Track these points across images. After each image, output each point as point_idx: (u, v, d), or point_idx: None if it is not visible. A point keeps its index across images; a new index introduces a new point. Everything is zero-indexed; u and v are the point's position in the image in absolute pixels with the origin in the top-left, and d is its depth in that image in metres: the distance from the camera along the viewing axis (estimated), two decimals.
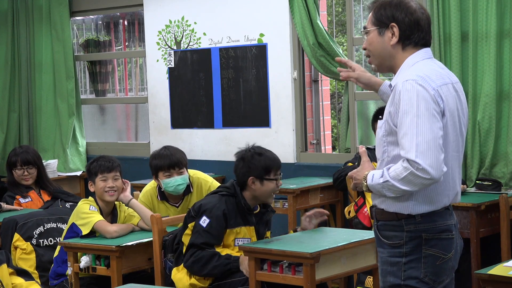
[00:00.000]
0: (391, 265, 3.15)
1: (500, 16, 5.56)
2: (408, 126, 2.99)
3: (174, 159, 5.09)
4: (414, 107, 2.99)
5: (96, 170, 4.85)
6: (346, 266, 4.29)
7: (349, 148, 6.45)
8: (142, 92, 8.47)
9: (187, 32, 7.10)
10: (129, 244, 4.63)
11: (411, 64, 3.14)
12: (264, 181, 4.40)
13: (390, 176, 3.02)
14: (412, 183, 2.99)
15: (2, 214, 5.62)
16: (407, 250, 3.12)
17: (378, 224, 3.21)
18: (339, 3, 9.35)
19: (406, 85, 3.03)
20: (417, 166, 2.95)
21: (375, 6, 3.21)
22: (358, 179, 3.15)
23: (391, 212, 3.14)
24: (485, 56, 5.61)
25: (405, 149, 2.98)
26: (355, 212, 5.60)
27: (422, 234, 3.11)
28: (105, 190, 4.82)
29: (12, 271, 3.76)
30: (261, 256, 4.20)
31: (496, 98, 5.61)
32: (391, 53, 3.18)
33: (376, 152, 3.21)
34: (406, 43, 3.16)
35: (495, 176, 5.67)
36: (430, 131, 2.98)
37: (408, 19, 3.14)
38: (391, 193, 3.06)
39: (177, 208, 5.15)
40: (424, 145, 2.96)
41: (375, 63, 3.24)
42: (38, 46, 7.91)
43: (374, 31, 3.18)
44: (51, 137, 7.92)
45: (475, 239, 5.20)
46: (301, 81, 6.64)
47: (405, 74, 3.09)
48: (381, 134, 3.14)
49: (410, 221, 3.11)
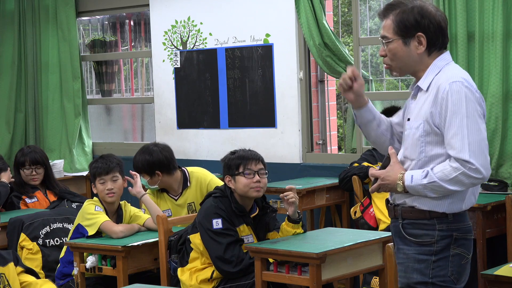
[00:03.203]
0: (419, 262, 3.14)
1: (506, 16, 5.55)
2: (458, 127, 3.00)
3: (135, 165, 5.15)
4: (463, 107, 3.01)
5: (94, 173, 4.87)
6: (352, 266, 4.29)
7: (355, 148, 6.45)
8: (148, 92, 8.47)
9: (193, 32, 7.11)
10: (135, 244, 4.64)
11: (441, 66, 3.14)
12: (236, 177, 4.43)
13: (437, 177, 3.02)
14: (462, 183, 3.02)
15: (8, 214, 5.63)
16: (437, 249, 3.12)
17: (403, 222, 3.18)
18: (345, 3, 9.35)
19: (454, 86, 3.03)
20: (470, 166, 2.98)
21: (395, 14, 3.15)
22: (389, 180, 3.13)
23: (423, 210, 3.12)
24: (491, 56, 5.61)
25: (456, 149, 3.00)
26: (361, 212, 5.60)
27: (453, 233, 3.12)
28: (104, 193, 4.84)
29: (22, 269, 3.77)
30: (267, 256, 4.20)
31: (503, 98, 5.60)
32: (416, 60, 3.16)
33: (409, 153, 3.17)
34: (432, 50, 3.15)
35: (502, 177, 5.67)
36: (479, 132, 3.02)
37: (432, 25, 3.13)
38: (433, 194, 3.07)
39: (175, 201, 5.20)
40: (475, 145, 2.99)
41: (398, 70, 3.22)
42: (45, 46, 7.92)
43: (398, 41, 3.15)
44: (57, 137, 7.93)
45: (481, 240, 5.20)
46: (307, 81, 6.64)
47: (448, 75, 3.08)
48: (419, 134, 3.11)
49: (442, 220, 3.12)
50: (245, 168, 4.43)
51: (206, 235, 4.37)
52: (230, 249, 4.32)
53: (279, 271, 4.18)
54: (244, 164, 4.44)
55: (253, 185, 4.42)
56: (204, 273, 4.42)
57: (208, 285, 4.39)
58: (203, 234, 4.39)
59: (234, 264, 4.32)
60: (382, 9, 3.23)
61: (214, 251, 4.34)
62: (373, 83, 6.65)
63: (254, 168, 4.44)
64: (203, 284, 4.39)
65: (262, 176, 4.45)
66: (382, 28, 3.21)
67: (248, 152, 4.51)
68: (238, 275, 4.34)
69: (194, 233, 4.46)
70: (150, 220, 4.91)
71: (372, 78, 6.63)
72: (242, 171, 4.43)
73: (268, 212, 4.58)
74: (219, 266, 4.33)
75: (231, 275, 4.34)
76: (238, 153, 4.51)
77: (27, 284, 3.74)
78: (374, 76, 6.75)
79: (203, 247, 4.41)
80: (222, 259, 4.32)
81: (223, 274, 4.36)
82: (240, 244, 4.38)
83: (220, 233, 4.35)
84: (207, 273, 4.41)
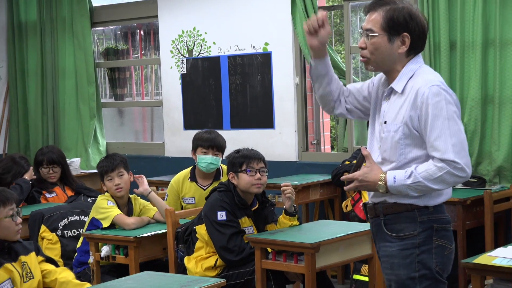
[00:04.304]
0: (404, 258, 2.98)
1: (485, 27, 5.55)
2: (440, 129, 2.86)
3: (215, 141, 5.20)
4: (444, 110, 2.87)
5: (101, 172, 4.89)
6: (343, 255, 4.30)
7: (346, 147, 6.46)
8: (157, 96, 8.47)
9: (198, 41, 7.11)
10: (146, 235, 4.65)
11: (414, 70, 2.98)
12: (239, 174, 4.43)
13: (422, 177, 2.87)
14: (446, 182, 2.89)
15: (30, 207, 5.64)
16: (420, 241, 2.96)
17: (385, 218, 3.02)
18: (337, 15, 9.34)
19: (433, 90, 2.89)
20: (456, 166, 2.85)
21: (386, 10, 2.96)
22: (368, 181, 2.97)
23: (404, 204, 2.97)
24: (472, 64, 5.61)
25: (441, 151, 2.86)
26: (352, 206, 5.60)
27: (433, 224, 2.98)
28: (113, 189, 4.85)
29: (43, 259, 3.78)
30: (266, 246, 4.22)
31: (482, 102, 5.60)
32: (395, 59, 2.99)
33: (388, 155, 3.00)
34: (411, 52, 3.00)
35: (480, 174, 5.67)
36: (460, 132, 2.89)
37: (418, 29, 2.97)
38: (416, 193, 2.92)
39: (203, 191, 5.18)
40: (459, 145, 2.87)
41: (374, 65, 3.02)
42: (62, 54, 7.93)
43: (384, 37, 2.96)
44: (74, 137, 7.94)
45: (461, 231, 5.21)
46: (303, 86, 6.65)
47: (425, 79, 2.93)
48: (398, 137, 2.95)
49: (423, 212, 2.97)
50: (247, 166, 4.44)
51: (211, 226, 4.38)
52: (233, 240, 4.33)
53: (277, 259, 4.19)
54: (247, 163, 4.45)
55: (255, 182, 4.43)
56: (209, 261, 4.43)
57: (212, 272, 4.40)
58: (208, 225, 4.40)
59: (236, 253, 4.33)
60: (371, 3, 3.02)
61: (218, 241, 4.35)
62: None
63: (256, 167, 4.45)
64: (208, 271, 4.40)
65: (262, 174, 4.46)
66: (367, 20, 3.01)
67: (251, 152, 4.52)
68: (239, 263, 4.35)
69: (200, 224, 4.46)
70: (158, 213, 4.93)
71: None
72: (245, 169, 4.44)
73: (267, 206, 4.59)
74: (222, 255, 4.34)
75: (233, 263, 4.35)
76: (242, 152, 4.51)
77: (47, 272, 3.74)
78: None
79: (208, 237, 4.41)
80: (225, 248, 4.33)
81: (226, 262, 4.37)
82: (242, 235, 4.39)
83: (224, 225, 4.36)
84: (211, 261, 4.42)
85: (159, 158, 7.46)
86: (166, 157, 7.39)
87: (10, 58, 8.27)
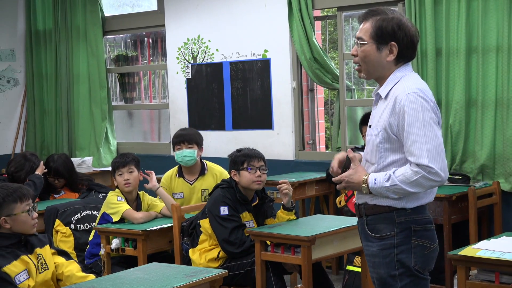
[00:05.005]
0: (383, 257, 2.94)
1: (469, 35, 5.54)
2: (416, 134, 2.81)
3: (185, 136, 5.19)
4: (419, 116, 2.81)
5: (113, 168, 4.89)
6: (337, 247, 4.29)
7: (340, 147, 6.44)
8: (164, 99, 8.46)
9: (202, 48, 7.10)
10: (153, 229, 4.64)
11: (400, 77, 2.94)
12: (240, 172, 4.42)
13: (399, 180, 2.83)
14: (422, 185, 2.83)
15: (45, 203, 5.62)
16: (398, 241, 2.92)
17: (367, 219, 2.99)
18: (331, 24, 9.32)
19: (410, 97, 2.84)
20: (430, 170, 2.79)
21: (375, 20, 2.94)
22: (353, 182, 2.96)
23: (383, 206, 2.93)
24: (456, 69, 5.60)
25: (416, 155, 2.80)
26: (345, 202, 5.59)
27: (411, 225, 2.92)
28: (122, 184, 4.84)
29: (54, 251, 3.77)
30: (265, 239, 4.20)
31: (465, 105, 5.60)
32: (384, 67, 2.95)
33: (370, 157, 2.99)
34: (400, 60, 2.95)
35: (465, 171, 5.66)
36: (436, 138, 2.83)
37: (406, 38, 2.92)
38: (395, 195, 2.88)
39: (190, 185, 5.17)
40: (433, 151, 2.80)
41: (365, 72, 2.99)
42: (76, 61, 7.92)
43: (372, 46, 2.93)
44: (86, 138, 7.93)
45: (447, 225, 5.19)
46: (299, 90, 6.63)
47: (404, 87, 2.88)
48: (378, 141, 2.92)
49: (401, 213, 2.92)
50: (248, 164, 4.42)
51: (214, 220, 4.37)
52: (234, 233, 4.32)
53: (275, 251, 4.18)
54: (248, 161, 4.43)
55: (255, 179, 4.42)
56: (212, 253, 4.41)
57: (215, 263, 4.38)
58: (211, 219, 4.38)
59: (237, 245, 4.31)
60: (364, 13, 3.00)
61: (220, 234, 4.33)
62: (355, 91, 6.64)
63: (256, 165, 4.43)
64: (211, 263, 4.39)
65: (262, 172, 4.45)
66: (359, 29, 2.99)
67: (252, 151, 4.50)
68: (240, 255, 4.33)
69: (204, 218, 4.45)
70: (165, 208, 4.91)
71: (354, 88, 6.62)
72: (246, 167, 4.42)
73: (266, 201, 4.57)
74: (224, 247, 4.33)
75: (234, 255, 4.33)
76: (243, 151, 4.50)
77: (57, 264, 3.73)
78: (356, 86, 6.73)
79: (211, 230, 4.40)
80: (227, 241, 4.31)
81: (228, 254, 4.35)
82: (243, 229, 4.37)
83: (226, 219, 4.34)
84: (214, 253, 4.41)
85: (166, 157, 7.45)
86: (172, 156, 7.37)
87: (28, 64, 8.28)
